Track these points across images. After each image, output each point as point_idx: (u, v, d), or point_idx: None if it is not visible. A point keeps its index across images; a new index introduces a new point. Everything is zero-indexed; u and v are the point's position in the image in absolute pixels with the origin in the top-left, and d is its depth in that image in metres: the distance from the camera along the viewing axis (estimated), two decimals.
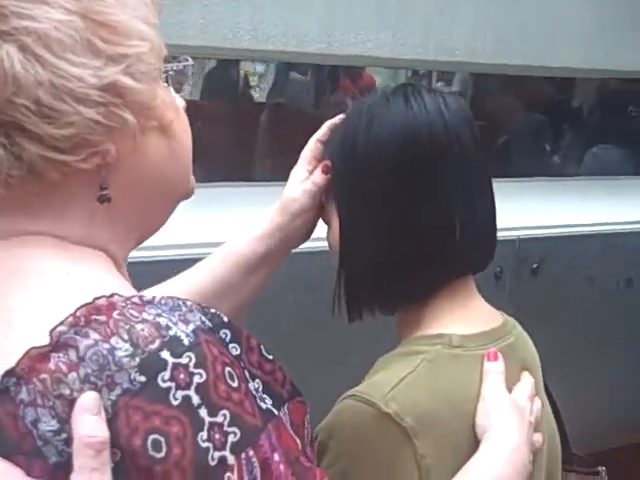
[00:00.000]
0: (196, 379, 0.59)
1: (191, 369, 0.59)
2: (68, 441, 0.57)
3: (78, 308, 0.60)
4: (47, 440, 0.57)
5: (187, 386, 0.59)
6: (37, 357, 0.58)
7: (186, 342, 0.60)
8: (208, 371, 0.60)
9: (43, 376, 0.57)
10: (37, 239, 0.66)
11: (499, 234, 1.01)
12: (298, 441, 0.66)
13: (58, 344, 0.59)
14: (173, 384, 0.58)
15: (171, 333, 0.60)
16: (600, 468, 1.10)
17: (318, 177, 1.01)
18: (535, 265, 2.37)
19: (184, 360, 0.59)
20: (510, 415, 0.89)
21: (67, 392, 0.57)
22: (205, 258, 1.07)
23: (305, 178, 1.03)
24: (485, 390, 0.90)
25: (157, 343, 0.59)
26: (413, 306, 0.97)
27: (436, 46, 2.45)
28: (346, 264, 0.98)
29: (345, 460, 0.87)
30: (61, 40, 0.62)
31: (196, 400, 0.59)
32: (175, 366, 0.58)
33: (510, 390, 0.93)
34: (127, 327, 0.59)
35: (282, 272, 1.11)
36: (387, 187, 0.93)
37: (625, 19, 2.75)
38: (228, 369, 0.61)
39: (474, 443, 0.88)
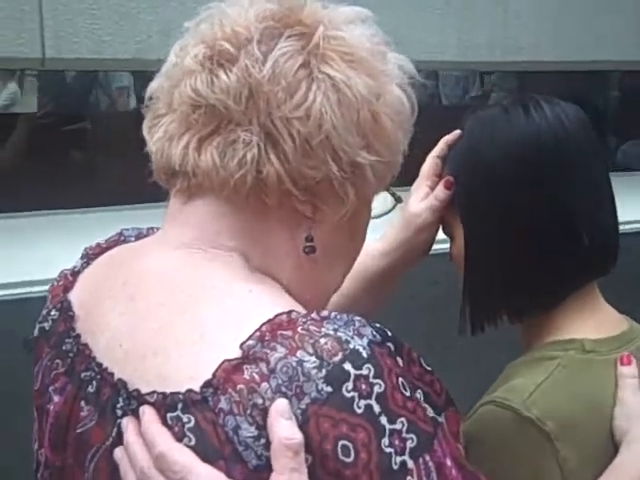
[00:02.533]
0: (376, 389, 0.63)
1: (371, 379, 0.63)
2: (267, 446, 0.61)
3: (263, 324, 0.65)
4: (247, 445, 0.62)
5: (368, 395, 0.63)
6: (231, 369, 0.63)
7: (364, 355, 0.64)
8: (386, 381, 0.64)
9: (240, 387, 0.63)
10: (227, 255, 0.73)
11: None
12: (460, 447, 0.69)
13: (249, 357, 0.64)
14: (356, 394, 0.62)
15: (351, 346, 0.64)
16: None
17: (441, 192, 1.03)
18: None
19: (364, 371, 0.63)
20: None
21: (260, 401, 0.62)
22: None
23: (426, 194, 1.06)
24: (622, 394, 0.92)
25: (340, 356, 0.63)
26: (541, 313, 0.98)
27: (502, 46, 2.46)
28: (473, 276, 1.00)
29: (488, 465, 0.88)
30: (351, 108, 0.72)
31: (377, 409, 0.63)
32: (357, 377, 0.63)
33: None
34: (312, 341, 0.64)
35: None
36: (513, 196, 0.95)
37: None
38: (401, 379, 0.65)
39: (612, 446, 0.90)
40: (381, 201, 0.85)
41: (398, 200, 0.91)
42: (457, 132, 1.05)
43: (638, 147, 3.27)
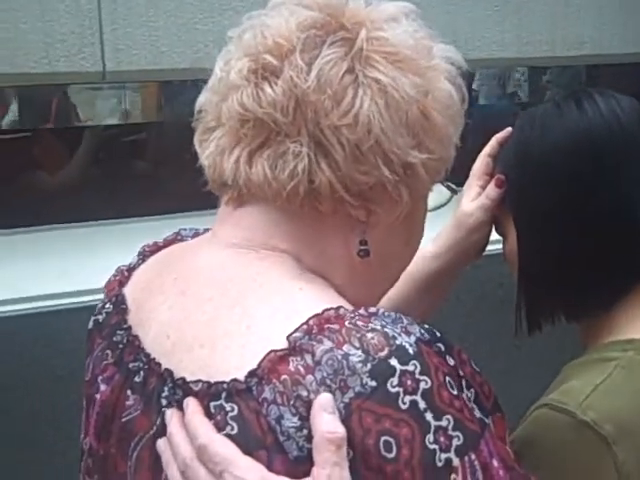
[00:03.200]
0: (422, 385, 0.63)
1: (417, 376, 0.63)
2: (308, 437, 0.61)
3: (310, 317, 0.66)
4: (289, 436, 0.62)
5: (414, 391, 0.62)
6: (277, 359, 0.64)
7: (410, 351, 0.64)
8: (432, 378, 0.63)
9: (284, 377, 0.63)
10: (278, 255, 0.74)
11: None
12: (509, 450, 0.68)
13: (295, 348, 0.64)
14: (401, 389, 0.62)
15: (397, 342, 0.64)
16: None
17: (492, 191, 1.02)
18: None
19: (410, 368, 0.63)
20: None
21: (304, 393, 0.62)
22: None
23: (477, 193, 1.04)
24: None
25: (386, 351, 0.63)
26: (599, 312, 0.96)
27: (563, 41, 2.41)
28: (527, 275, 0.98)
29: (543, 470, 0.86)
30: (399, 109, 0.71)
31: (422, 405, 0.63)
32: (403, 373, 0.63)
33: None
34: (358, 335, 0.64)
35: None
36: (565, 193, 0.93)
37: None
38: (448, 378, 0.65)
39: None
40: (436, 194, 0.83)
41: (453, 192, 0.89)
42: (508, 129, 1.03)
43: None
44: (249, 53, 0.74)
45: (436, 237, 1.09)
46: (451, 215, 1.08)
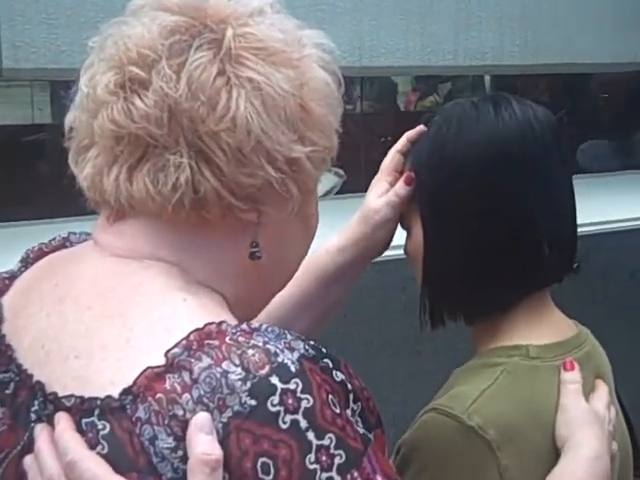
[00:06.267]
0: (304, 404, 0.62)
1: (298, 394, 0.62)
2: (184, 458, 0.60)
3: (191, 332, 0.64)
4: (164, 457, 0.60)
5: (295, 411, 0.61)
6: (153, 376, 0.62)
7: (292, 369, 0.63)
8: (315, 397, 0.62)
9: (159, 396, 0.61)
10: (163, 266, 0.71)
11: None
12: (391, 464, 0.69)
13: (173, 365, 0.62)
14: (282, 408, 0.61)
15: (279, 360, 0.63)
16: None
17: (401, 189, 1.01)
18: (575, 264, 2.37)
19: (292, 386, 0.62)
20: (590, 424, 0.90)
21: (180, 413, 0.60)
22: None
23: (386, 189, 1.03)
24: (564, 400, 0.91)
25: (267, 369, 0.62)
26: (493, 316, 0.97)
27: (466, 51, 2.46)
28: (431, 271, 0.98)
29: (429, 473, 0.88)
30: (277, 106, 0.70)
31: (304, 424, 0.62)
32: (284, 391, 0.61)
33: (586, 398, 0.93)
34: (239, 352, 0.62)
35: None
36: (475, 196, 0.94)
37: None
38: (331, 396, 0.64)
39: (555, 454, 0.89)
40: (323, 180, 0.81)
41: (340, 176, 0.90)
42: (420, 127, 1.02)
43: (595, 148, 3.33)
44: (113, 66, 0.70)
45: (341, 231, 1.08)
46: (357, 210, 1.07)
